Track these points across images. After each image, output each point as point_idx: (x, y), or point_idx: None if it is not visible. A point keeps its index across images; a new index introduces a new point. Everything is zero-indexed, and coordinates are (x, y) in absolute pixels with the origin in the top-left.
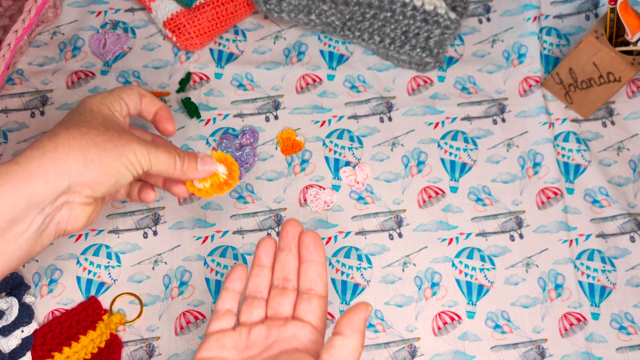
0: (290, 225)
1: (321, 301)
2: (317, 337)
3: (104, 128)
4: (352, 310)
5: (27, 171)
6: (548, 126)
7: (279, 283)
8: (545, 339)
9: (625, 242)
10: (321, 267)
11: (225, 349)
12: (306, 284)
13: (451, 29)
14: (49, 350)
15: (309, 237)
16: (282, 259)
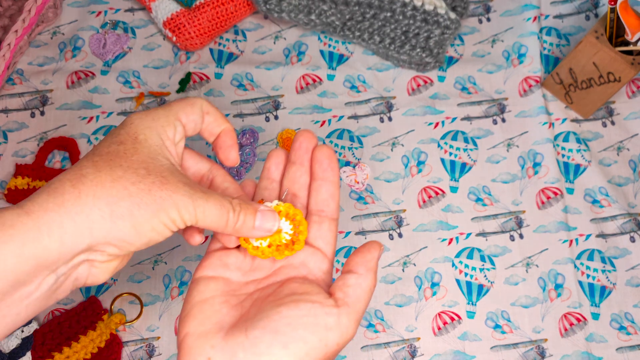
0: (304, 137)
1: (332, 225)
2: (327, 267)
3: (145, 171)
4: (366, 248)
5: (38, 225)
6: (548, 126)
7: (286, 199)
8: (545, 339)
9: (625, 242)
10: (334, 187)
11: (229, 269)
12: (317, 204)
13: (451, 29)
14: (49, 350)
15: (323, 153)
16: (292, 173)
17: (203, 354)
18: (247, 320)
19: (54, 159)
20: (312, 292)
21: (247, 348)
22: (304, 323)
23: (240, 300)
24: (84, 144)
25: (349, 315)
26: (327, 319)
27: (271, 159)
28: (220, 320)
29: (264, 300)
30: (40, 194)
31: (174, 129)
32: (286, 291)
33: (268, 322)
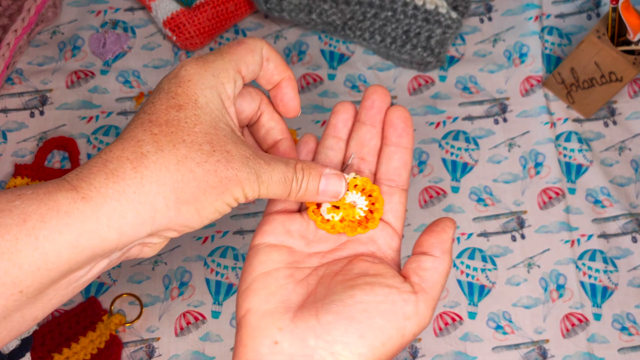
0: (378, 94)
1: (403, 197)
2: (396, 244)
3: (209, 146)
4: (441, 227)
5: (97, 215)
6: (550, 126)
7: (353, 163)
8: (547, 340)
9: (627, 242)
10: (408, 155)
11: (292, 236)
12: (388, 172)
13: (452, 28)
14: (49, 351)
15: (398, 115)
16: (362, 135)
17: (269, 336)
18: (316, 302)
19: (54, 159)
20: (386, 274)
21: (320, 334)
22: (381, 310)
23: (305, 275)
24: (84, 143)
25: (427, 303)
26: (405, 307)
27: (338, 114)
28: (287, 298)
29: (332, 279)
30: (97, 174)
31: (233, 84)
32: (356, 270)
33: (342, 307)
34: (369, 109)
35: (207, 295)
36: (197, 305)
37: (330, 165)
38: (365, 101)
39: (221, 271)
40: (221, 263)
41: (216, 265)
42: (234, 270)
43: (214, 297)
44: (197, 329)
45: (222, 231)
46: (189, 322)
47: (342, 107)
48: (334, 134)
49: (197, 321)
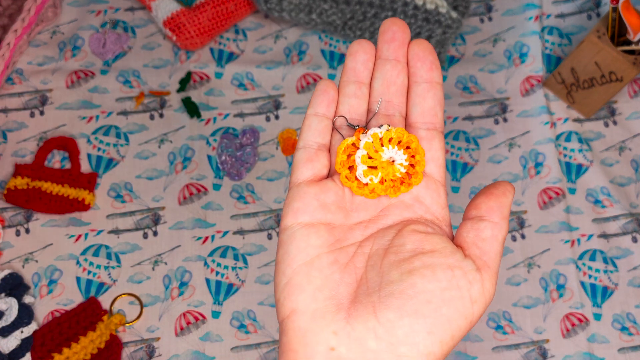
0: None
1: (442, 141)
2: (444, 199)
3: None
4: (501, 191)
5: None
6: (550, 126)
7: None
8: (547, 340)
9: (627, 242)
10: (442, 92)
11: (329, 210)
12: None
13: (452, 28)
14: (49, 351)
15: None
16: (387, 72)
17: (323, 341)
18: (371, 294)
19: (54, 159)
20: (444, 250)
21: (381, 336)
22: (447, 299)
23: (350, 257)
24: (84, 143)
25: (491, 280)
26: (472, 290)
27: (356, 54)
28: (336, 292)
29: (383, 260)
30: None
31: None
32: (409, 246)
33: (403, 301)
34: (390, 41)
35: (207, 295)
36: (197, 305)
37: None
38: (384, 34)
39: (221, 271)
40: (221, 263)
41: (216, 265)
42: (234, 270)
43: (214, 297)
44: (197, 329)
45: (222, 231)
46: (189, 322)
47: (359, 46)
48: (355, 79)
49: (197, 321)
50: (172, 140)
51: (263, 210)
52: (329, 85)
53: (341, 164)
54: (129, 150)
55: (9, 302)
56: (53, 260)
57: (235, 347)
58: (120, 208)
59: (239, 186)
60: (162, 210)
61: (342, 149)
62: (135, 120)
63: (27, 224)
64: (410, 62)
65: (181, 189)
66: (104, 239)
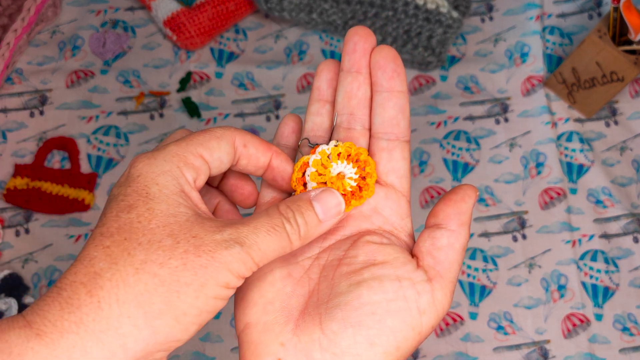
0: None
1: (405, 151)
2: (405, 209)
3: (171, 239)
4: (459, 196)
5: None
6: (551, 126)
7: (342, 121)
8: (548, 340)
9: (628, 242)
10: (404, 100)
11: None
12: (384, 124)
13: (453, 28)
14: None
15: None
16: (347, 85)
17: (271, 353)
18: (319, 306)
19: (53, 159)
20: (395, 261)
21: (325, 347)
22: (392, 310)
23: (305, 269)
24: (84, 143)
25: (444, 290)
26: (419, 301)
27: (321, 74)
28: (286, 304)
29: (336, 271)
30: (51, 305)
31: (191, 168)
32: (361, 257)
33: (348, 312)
34: (351, 53)
35: None
36: None
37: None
38: (347, 45)
39: None
40: None
41: None
42: None
43: None
44: None
45: None
46: None
47: (324, 65)
48: (319, 98)
49: None
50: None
51: None
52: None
53: (296, 181)
54: (129, 150)
55: (9, 302)
56: (53, 261)
57: (235, 348)
58: None
59: None
60: None
61: (298, 167)
62: (135, 120)
63: (26, 224)
64: (372, 71)
65: None
66: None
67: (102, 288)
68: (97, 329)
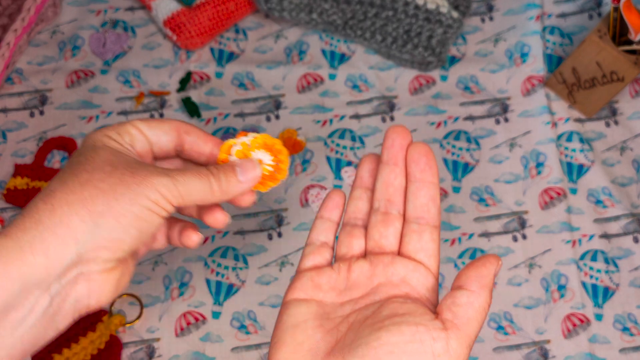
0: (397, 134)
1: (434, 234)
2: (432, 283)
3: (110, 167)
4: (481, 262)
5: (20, 245)
6: (551, 126)
7: (380, 206)
8: (548, 340)
9: (628, 242)
10: (434, 189)
11: (322, 290)
12: (415, 210)
13: (453, 28)
14: (49, 352)
15: (419, 150)
16: (386, 176)
17: None
18: (343, 347)
19: (54, 159)
20: (416, 312)
21: None
22: (408, 350)
23: (336, 324)
24: None
25: (459, 340)
26: (434, 345)
27: (364, 165)
28: (314, 346)
29: (362, 324)
30: (16, 218)
31: (130, 136)
32: (386, 312)
33: (367, 350)
34: (389, 148)
35: (208, 295)
36: (198, 306)
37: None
38: (386, 141)
39: (221, 271)
40: (222, 263)
41: (216, 265)
42: (234, 270)
43: (214, 298)
44: (197, 330)
45: (222, 231)
46: (189, 322)
47: (367, 158)
48: (361, 185)
49: (197, 321)
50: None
51: (264, 211)
52: (335, 193)
53: (222, 161)
54: None
55: None
56: None
57: (235, 348)
58: None
59: None
60: None
61: (224, 149)
62: None
63: None
64: (407, 163)
65: None
66: None
67: (54, 197)
68: (51, 224)
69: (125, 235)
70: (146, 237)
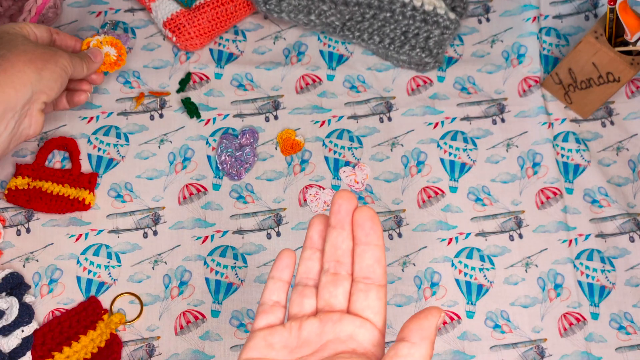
0: (343, 199)
1: (380, 292)
2: (377, 339)
3: (33, 45)
4: (423, 314)
5: (3, 80)
6: (547, 126)
7: (330, 267)
8: (545, 339)
9: (624, 242)
10: (379, 251)
11: (274, 349)
12: (362, 271)
13: (451, 29)
14: (49, 350)
15: (363, 215)
16: (334, 239)
17: None
18: None
19: (54, 159)
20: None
21: None
22: None
23: None
24: (84, 143)
25: None
26: None
27: (313, 226)
28: None
29: None
30: None
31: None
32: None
33: None
34: (336, 213)
35: (207, 294)
36: (197, 305)
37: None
38: (333, 206)
39: (221, 270)
40: (221, 262)
41: (216, 264)
42: (233, 269)
43: (213, 296)
44: (196, 328)
45: (221, 231)
46: (189, 321)
47: (316, 219)
48: (311, 246)
49: (196, 320)
50: (171, 140)
51: (262, 210)
52: (286, 254)
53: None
54: (129, 150)
55: (10, 301)
56: (53, 260)
57: (234, 346)
58: (121, 208)
59: (238, 186)
60: (162, 210)
61: (85, 43)
62: (135, 120)
63: (27, 223)
64: (353, 227)
65: (181, 189)
66: (104, 239)
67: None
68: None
69: (54, 85)
70: (60, 90)
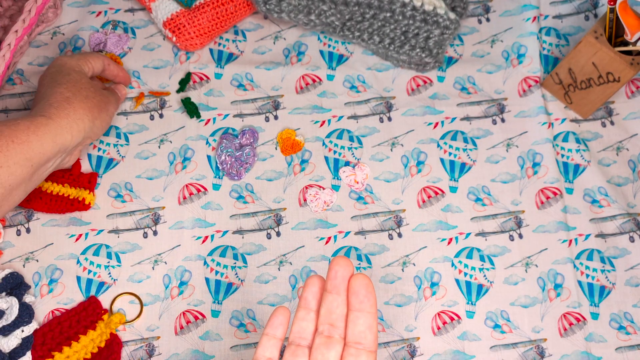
0: (340, 266)
1: (370, 357)
2: None
3: (93, 89)
4: None
5: (60, 126)
6: (547, 126)
7: (324, 330)
8: (545, 339)
9: (624, 242)
10: (372, 318)
11: None
12: (354, 336)
13: (450, 29)
14: (49, 350)
15: (359, 283)
16: (329, 303)
17: None
18: None
19: None
20: None
21: None
22: None
23: None
24: None
25: None
26: None
27: (308, 287)
28: None
29: None
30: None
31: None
32: None
33: None
34: (333, 279)
35: (207, 294)
36: (197, 305)
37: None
38: (330, 272)
39: (221, 270)
40: (221, 262)
41: (216, 264)
42: (233, 269)
43: (213, 296)
44: (196, 328)
45: (221, 231)
46: (189, 321)
47: (311, 280)
48: (305, 306)
49: (196, 320)
50: (172, 140)
51: (262, 210)
52: (280, 311)
53: None
54: (129, 150)
55: (10, 301)
56: (53, 260)
57: (234, 346)
58: (121, 208)
59: (238, 186)
60: (162, 210)
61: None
62: (135, 120)
63: (27, 223)
64: (348, 293)
65: (181, 188)
66: (104, 239)
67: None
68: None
69: (101, 132)
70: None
